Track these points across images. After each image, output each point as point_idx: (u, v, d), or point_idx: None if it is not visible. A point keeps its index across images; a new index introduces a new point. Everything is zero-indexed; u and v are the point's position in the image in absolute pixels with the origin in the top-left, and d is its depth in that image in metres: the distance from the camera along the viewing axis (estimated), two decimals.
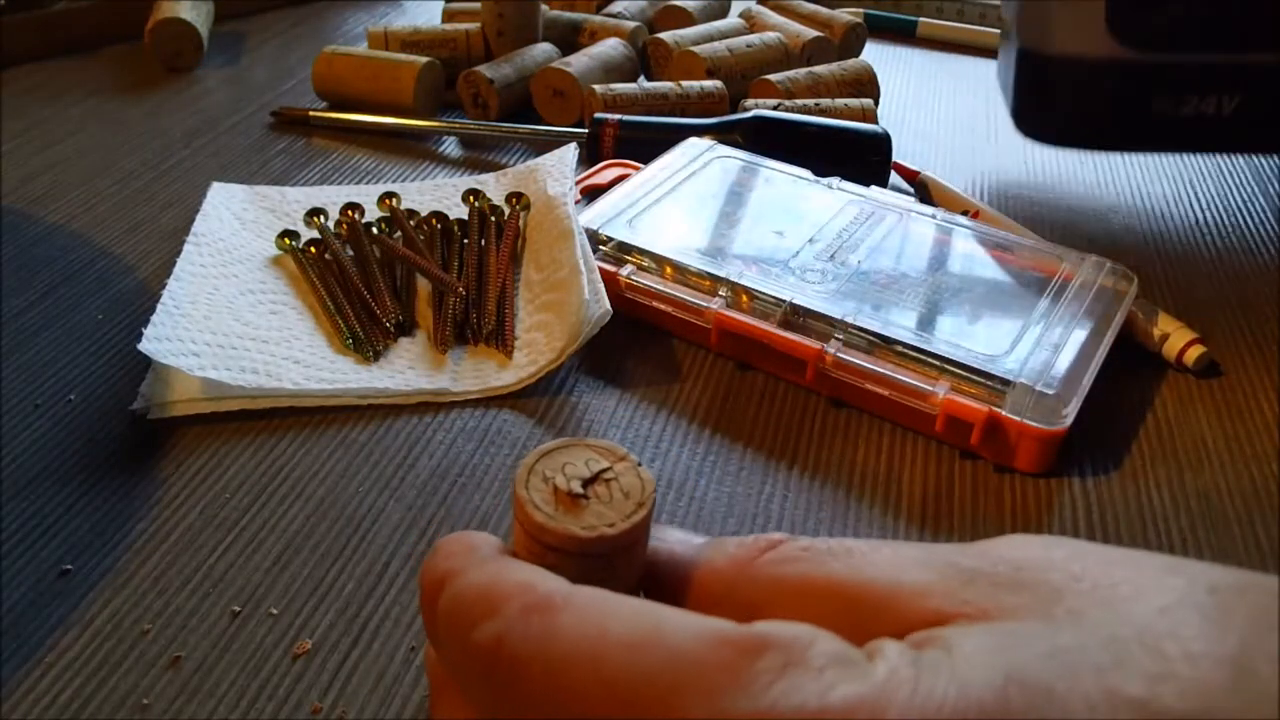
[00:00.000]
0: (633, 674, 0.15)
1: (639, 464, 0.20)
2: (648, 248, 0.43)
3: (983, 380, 0.36)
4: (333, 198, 0.49)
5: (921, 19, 0.76)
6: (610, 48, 0.63)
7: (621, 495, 0.20)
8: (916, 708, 0.13)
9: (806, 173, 0.49)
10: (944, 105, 0.66)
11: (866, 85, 0.60)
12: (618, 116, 0.54)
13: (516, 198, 0.48)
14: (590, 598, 0.16)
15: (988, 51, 0.75)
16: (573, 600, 0.16)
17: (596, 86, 0.58)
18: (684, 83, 0.59)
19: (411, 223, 0.47)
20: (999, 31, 0.75)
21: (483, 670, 0.16)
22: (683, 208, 0.46)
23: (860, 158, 0.51)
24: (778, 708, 0.13)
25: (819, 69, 0.60)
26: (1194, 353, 0.40)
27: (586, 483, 0.20)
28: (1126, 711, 0.13)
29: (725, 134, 0.52)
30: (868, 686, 0.14)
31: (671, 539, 0.21)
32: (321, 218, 0.47)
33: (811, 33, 0.66)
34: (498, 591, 0.17)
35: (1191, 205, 0.55)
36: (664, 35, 0.64)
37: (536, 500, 0.19)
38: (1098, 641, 0.14)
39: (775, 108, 0.55)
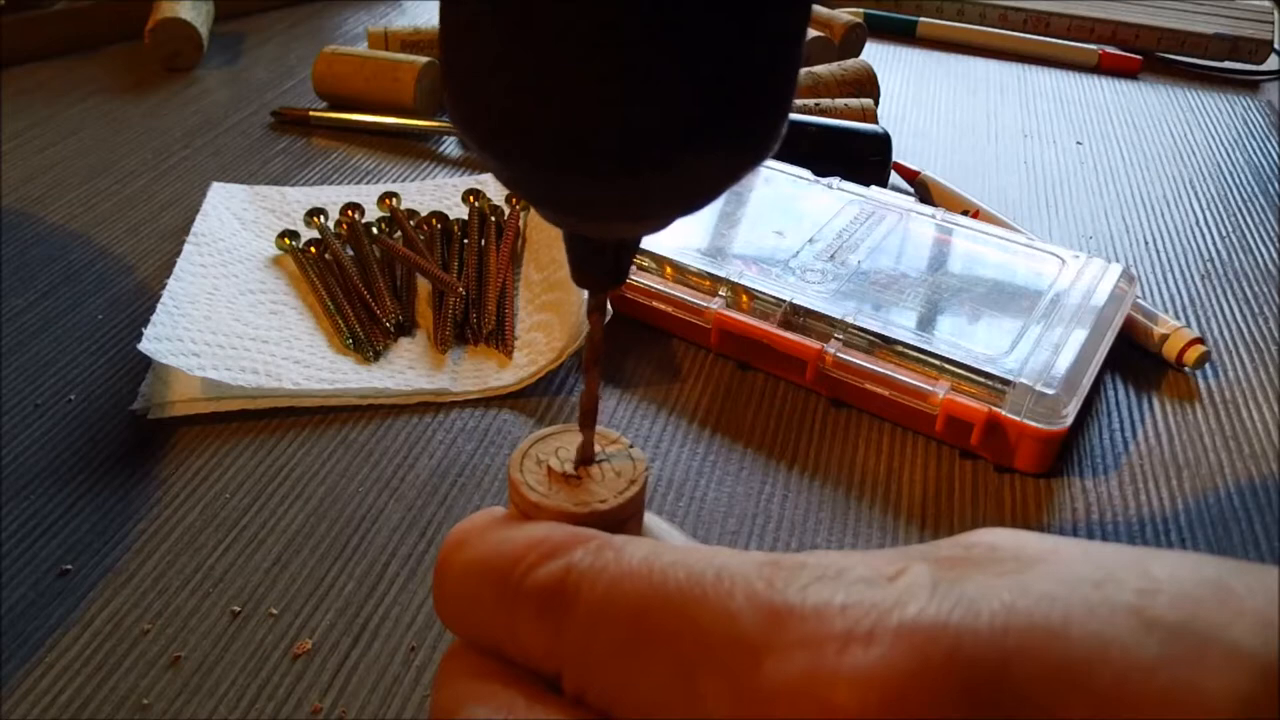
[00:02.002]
0: (683, 577, 0.16)
1: (631, 445, 0.21)
2: (648, 248, 0.43)
3: (983, 380, 0.36)
4: (333, 198, 0.49)
5: (921, 19, 0.76)
6: None
7: (614, 474, 0.20)
8: (928, 616, 0.14)
9: (806, 173, 0.49)
10: (944, 105, 0.66)
11: (866, 85, 0.60)
12: None
13: (516, 198, 0.48)
14: (645, 540, 0.18)
15: (988, 51, 0.75)
16: (630, 540, 0.18)
17: None
18: None
19: (411, 223, 0.46)
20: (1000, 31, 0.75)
21: (539, 607, 0.17)
22: None
23: (860, 158, 0.51)
24: (807, 603, 0.15)
25: (819, 69, 0.60)
26: (1194, 353, 0.40)
27: (579, 464, 0.20)
28: (1123, 616, 0.14)
29: None
30: (885, 594, 0.15)
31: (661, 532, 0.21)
32: (321, 218, 0.47)
33: (811, 33, 0.66)
34: (553, 542, 0.18)
35: (1191, 205, 0.55)
36: None
37: (530, 481, 0.20)
38: (1089, 568, 0.15)
39: None
